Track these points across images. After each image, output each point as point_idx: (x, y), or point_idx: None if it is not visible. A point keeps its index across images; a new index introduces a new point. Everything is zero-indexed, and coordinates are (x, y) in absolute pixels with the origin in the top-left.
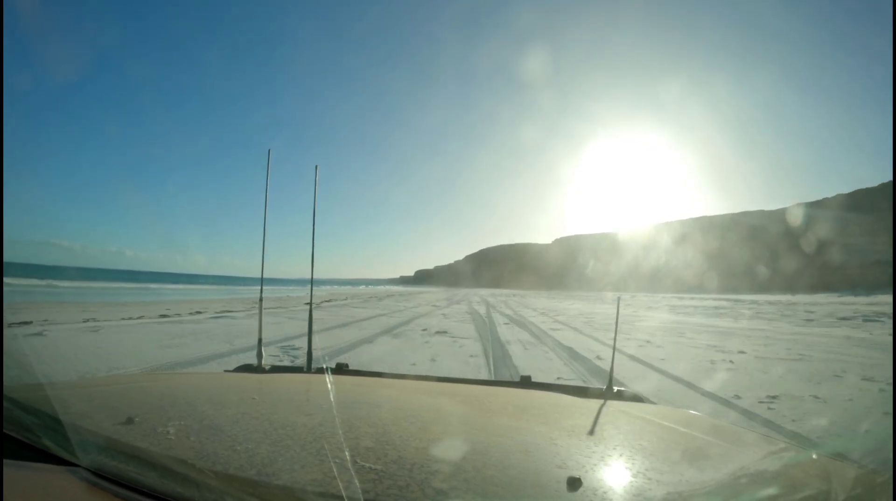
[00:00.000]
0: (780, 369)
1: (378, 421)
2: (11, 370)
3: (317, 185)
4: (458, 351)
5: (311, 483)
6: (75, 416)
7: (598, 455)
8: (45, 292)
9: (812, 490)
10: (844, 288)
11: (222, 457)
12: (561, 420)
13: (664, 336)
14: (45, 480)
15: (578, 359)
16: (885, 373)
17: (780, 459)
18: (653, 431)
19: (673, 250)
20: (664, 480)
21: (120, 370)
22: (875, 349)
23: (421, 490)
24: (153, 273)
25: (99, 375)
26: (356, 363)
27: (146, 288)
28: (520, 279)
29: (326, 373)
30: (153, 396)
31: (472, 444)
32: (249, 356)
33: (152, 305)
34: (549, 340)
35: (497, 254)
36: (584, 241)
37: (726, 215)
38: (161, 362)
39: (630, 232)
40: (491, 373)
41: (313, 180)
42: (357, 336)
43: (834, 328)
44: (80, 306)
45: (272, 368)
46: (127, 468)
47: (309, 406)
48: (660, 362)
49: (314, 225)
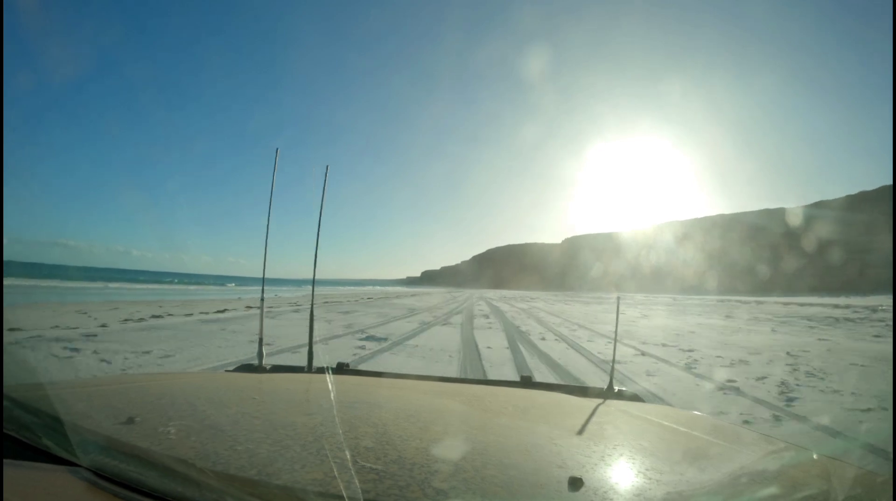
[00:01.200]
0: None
1: (378, 421)
2: (11, 369)
3: (325, 185)
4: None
5: (311, 483)
6: (76, 416)
7: (598, 454)
8: (99, 292)
9: (812, 490)
10: (845, 290)
11: (223, 457)
12: (561, 420)
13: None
14: (45, 480)
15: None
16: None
17: (780, 459)
18: (653, 431)
19: (687, 248)
20: (664, 480)
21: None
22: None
23: (421, 489)
24: (163, 273)
25: (101, 375)
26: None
27: (184, 289)
28: (525, 279)
29: (327, 373)
30: (153, 396)
31: (472, 444)
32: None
33: (203, 303)
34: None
35: (503, 254)
36: (594, 240)
37: (727, 215)
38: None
39: (644, 230)
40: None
41: (320, 181)
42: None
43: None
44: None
45: (273, 368)
46: (127, 468)
47: (309, 406)
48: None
49: (319, 225)
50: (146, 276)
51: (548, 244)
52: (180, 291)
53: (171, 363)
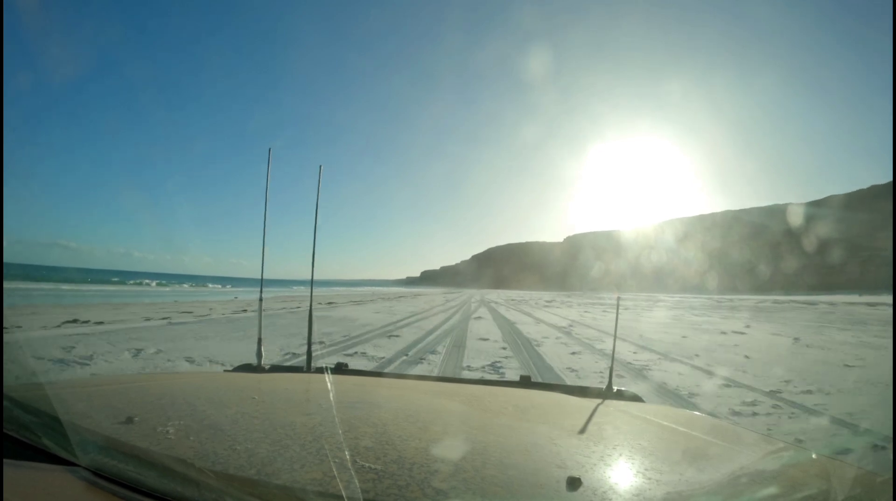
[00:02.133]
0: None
1: (378, 421)
2: (11, 369)
3: (320, 185)
4: None
5: (310, 483)
6: (75, 415)
7: (597, 454)
8: (117, 294)
9: (812, 490)
10: (846, 288)
11: (222, 457)
12: (561, 420)
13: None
14: (44, 479)
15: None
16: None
17: (780, 459)
18: (653, 431)
19: (690, 246)
20: (664, 480)
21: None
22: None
23: (421, 489)
24: (165, 274)
25: (101, 375)
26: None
27: (201, 290)
28: (526, 279)
29: (326, 373)
30: (153, 395)
31: (471, 444)
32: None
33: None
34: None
35: (503, 253)
36: (595, 238)
37: (728, 212)
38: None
39: (647, 228)
40: None
41: (318, 181)
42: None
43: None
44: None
45: (272, 367)
46: (126, 467)
47: (309, 406)
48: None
49: (315, 225)
50: (145, 277)
51: (553, 242)
52: (181, 292)
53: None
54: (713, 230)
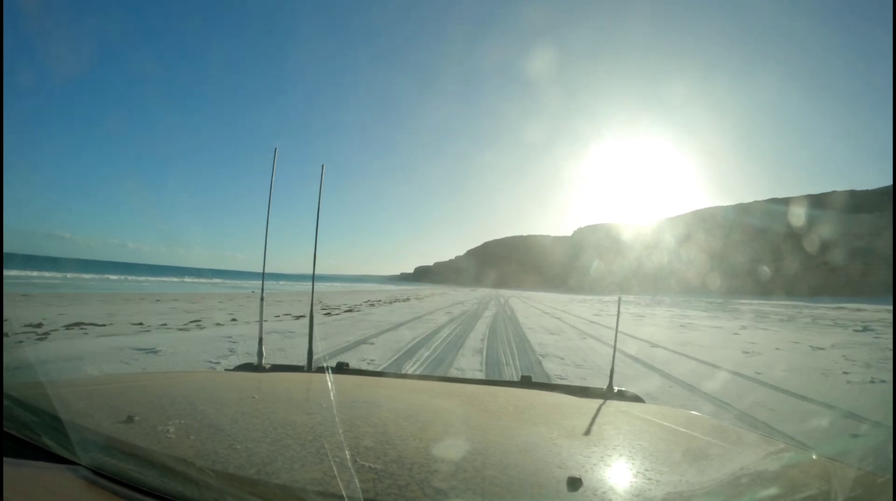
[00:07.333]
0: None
1: (378, 421)
2: (11, 368)
3: (321, 185)
4: None
5: (310, 482)
6: (75, 414)
7: (598, 455)
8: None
9: (812, 491)
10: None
11: (222, 456)
12: (561, 420)
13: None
14: (44, 478)
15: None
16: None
17: (780, 459)
18: (653, 431)
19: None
20: (664, 480)
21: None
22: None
23: (420, 489)
24: (163, 267)
25: (100, 374)
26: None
27: (206, 282)
28: (524, 276)
29: (327, 372)
30: (153, 394)
31: (471, 444)
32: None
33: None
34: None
35: (501, 247)
36: (606, 230)
37: (728, 207)
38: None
39: (652, 224)
40: None
41: (316, 176)
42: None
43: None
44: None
45: (272, 367)
46: (127, 466)
47: (309, 405)
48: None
49: (317, 226)
50: (139, 269)
51: (556, 237)
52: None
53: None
54: (715, 228)
